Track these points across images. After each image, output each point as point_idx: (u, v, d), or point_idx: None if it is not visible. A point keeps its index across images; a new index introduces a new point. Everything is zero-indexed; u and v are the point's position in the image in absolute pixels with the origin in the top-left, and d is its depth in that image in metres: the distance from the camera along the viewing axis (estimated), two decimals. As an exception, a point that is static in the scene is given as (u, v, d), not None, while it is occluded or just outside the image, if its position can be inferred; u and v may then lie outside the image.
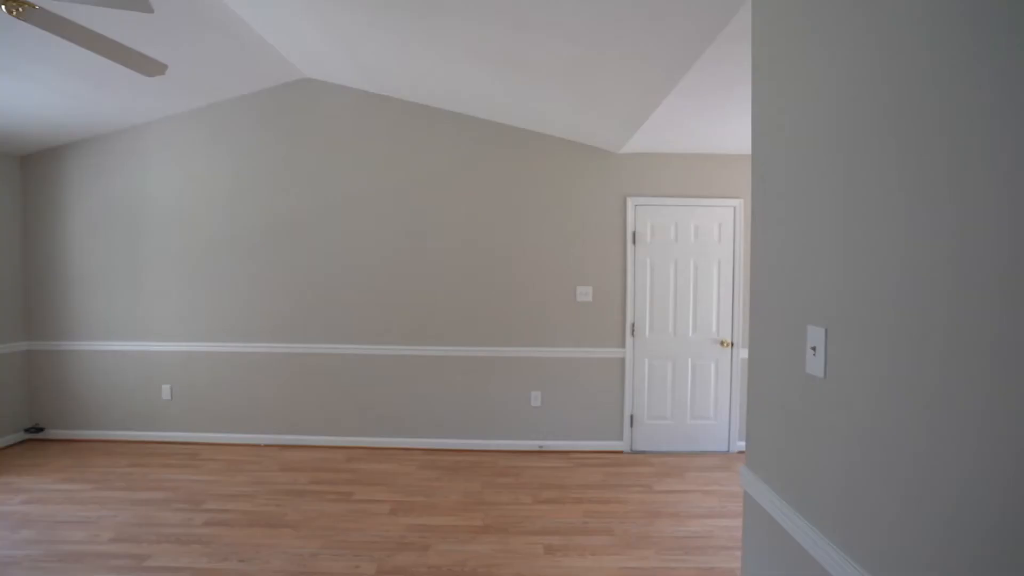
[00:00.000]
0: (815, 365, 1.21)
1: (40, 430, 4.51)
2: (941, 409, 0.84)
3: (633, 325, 4.25)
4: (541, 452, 4.24)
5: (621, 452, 4.26)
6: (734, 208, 4.23)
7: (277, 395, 4.38)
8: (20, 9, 1.74)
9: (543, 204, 4.24)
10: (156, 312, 4.42)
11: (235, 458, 4.09)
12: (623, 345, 4.25)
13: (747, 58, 2.35)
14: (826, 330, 1.17)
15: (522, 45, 2.80)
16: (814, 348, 1.21)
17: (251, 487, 3.57)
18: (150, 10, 1.64)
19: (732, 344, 4.24)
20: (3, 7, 1.73)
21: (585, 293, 4.24)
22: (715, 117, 3.27)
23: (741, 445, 4.25)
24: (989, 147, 0.75)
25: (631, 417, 4.27)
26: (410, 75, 3.72)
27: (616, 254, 4.24)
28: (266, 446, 4.35)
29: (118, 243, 4.42)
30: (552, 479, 3.73)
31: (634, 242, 4.23)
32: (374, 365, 4.32)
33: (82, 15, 2.62)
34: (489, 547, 2.83)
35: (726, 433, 4.28)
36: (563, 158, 4.23)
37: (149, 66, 2.14)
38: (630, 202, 4.22)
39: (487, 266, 4.26)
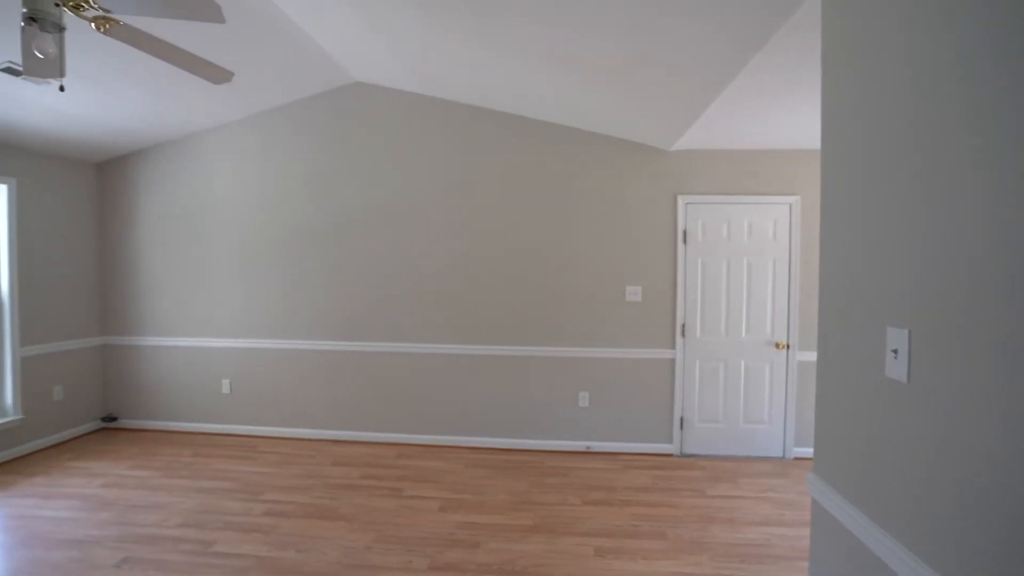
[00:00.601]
0: (897, 369, 1.14)
1: (114, 419, 4.81)
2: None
3: (684, 325, 4.16)
4: (588, 453, 4.20)
5: (671, 455, 4.18)
6: (790, 205, 4.07)
7: (329, 391, 4.52)
8: (107, 25, 1.86)
9: (592, 203, 4.21)
10: (216, 310, 4.64)
11: (290, 451, 4.24)
12: (673, 346, 4.17)
13: (807, 54, 2.27)
14: (909, 332, 1.11)
15: (575, 44, 2.79)
16: (895, 351, 1.15)
17: (306, 480, 3.69)
18: (223, 20, 1.72)
19: (788, 346, 4.09)
20: (93, 24, 1.85)
21: (634, 293, 4.18)
22: (772, 112, 3.16)
23: (799, 451, 4.09)
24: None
25: (681, 419, 4.18)
26: (460, 77, 3.76)
27: (666, 253, 4.16)
28: (319, 440, 4.49)
29: (182, 244, 4.66)
30: (600, 480, 3.70)
31: (684, 241, 4.14)
32: (423, 364, 4.39)
33: (154, 27, 2.77)
34: (538, 547, 2.82)
35: (781, 438, 4.13)
36: (612, 156, 4.18)
37: (217, 74, 2.24)
38: (680, 200, 4.13)
39: (536, 266, 4.26)
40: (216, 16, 1.70)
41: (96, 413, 4.78)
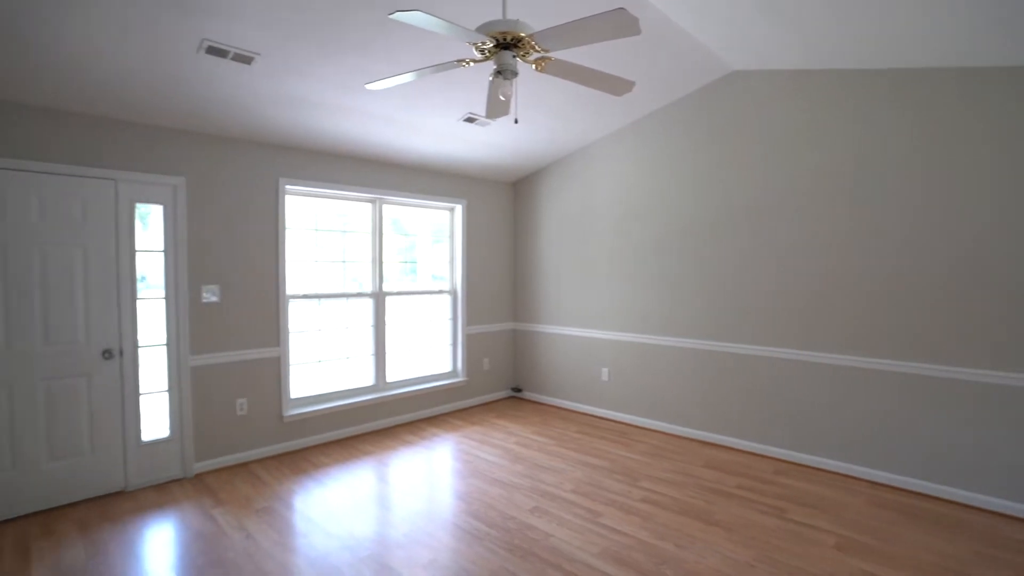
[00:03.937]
0: None
1: (519, 391, 5.95)
2: None
3: None
4: (1077, 532, 2.92)
5: None
6: None
7: (700, 391, 4.46)
8: (543, 64, 2.24)
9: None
10: (596, 304, 5.17)
11: (659, 444, 4.37)
12: None
13: None
14: None
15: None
16: None
17: (677, 476, 3.72)
18: (639, 32, 1.84)
19: None
20: (533, 66, 2.25)
21: None
22: None
23: None
24: None
25: None
26: (856, 34, 3.12)
27: None
28: (687, 439, 4.49)
29: (571, 245, 5.38)
30: (1107, 579, 2.50)
31: None
32: (809, 374, 3.87)
33: (559, 53, 3.23)
34: (999, 641, 2.09)
35: None
36: None
37: (622, 86, 2.44)
38: None
39: (963, 256, 3.20)
40: (634, 29, 1.83)
41: (508, 384, 6.01)
